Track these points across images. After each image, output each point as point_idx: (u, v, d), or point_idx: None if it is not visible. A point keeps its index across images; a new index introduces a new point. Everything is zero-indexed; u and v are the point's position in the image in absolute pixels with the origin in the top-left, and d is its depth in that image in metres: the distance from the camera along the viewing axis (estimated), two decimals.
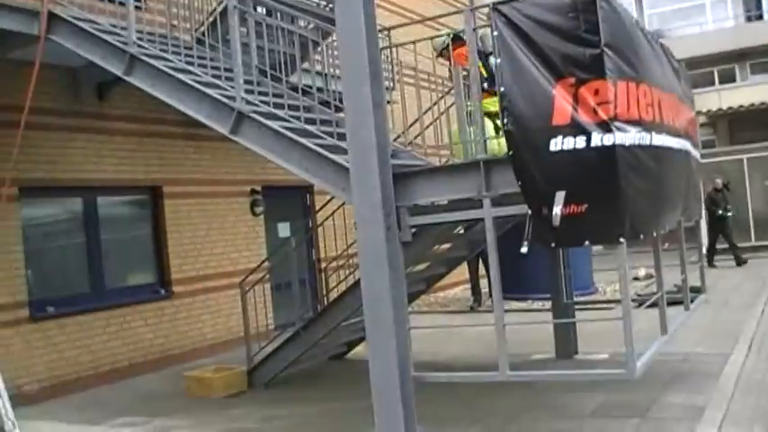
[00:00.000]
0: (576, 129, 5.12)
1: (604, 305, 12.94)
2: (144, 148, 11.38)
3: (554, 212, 5.11)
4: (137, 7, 9.25)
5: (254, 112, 6.96)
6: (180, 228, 11.80)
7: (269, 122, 6.79)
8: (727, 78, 30.70)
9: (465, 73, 7.93)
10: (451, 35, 8.20)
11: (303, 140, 6.52)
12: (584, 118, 5.11)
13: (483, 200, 5.52)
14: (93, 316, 10.42)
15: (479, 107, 5.62)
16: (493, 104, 9.09)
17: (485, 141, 5.68)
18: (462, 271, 14.56)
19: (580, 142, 5.10)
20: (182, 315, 11.72)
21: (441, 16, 6.52)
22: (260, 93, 7.69)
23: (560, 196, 5.11)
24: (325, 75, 9.07)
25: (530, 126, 5.23)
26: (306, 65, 10.17)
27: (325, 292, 10.94)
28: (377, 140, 5.60)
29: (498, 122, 8.63)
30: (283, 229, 14.06)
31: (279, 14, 9.52)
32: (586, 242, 5.26)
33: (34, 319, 9.67)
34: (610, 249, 6.11)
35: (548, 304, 13.82)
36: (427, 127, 8.09)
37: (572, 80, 5.17)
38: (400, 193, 5.75)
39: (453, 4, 18.87)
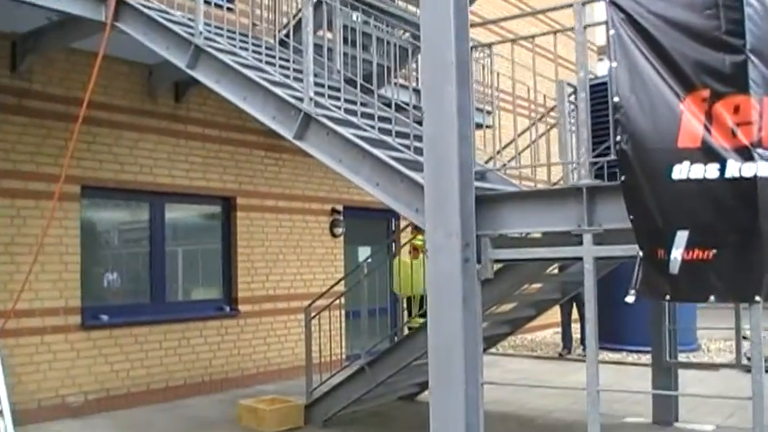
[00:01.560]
0: (707, 154, 4.08)
1: (710, 367, 11.53)
2: (220, 156, 10.73)
3: (672, 257, 4.07)
4: (225, 8, 8.64)
5: (324, 116, 6.12)
6: (252, 243, 11.08)
7: (338, 128, 5.94)
8: None
9: (571, 90, 7.02)
10: None
11: (375, 151, 5.64)
12: (718, 141, 4.08)
13: (583, 235, 4.51)
14: (149, 329, 9.75)
15: (585, 121, 4.61)
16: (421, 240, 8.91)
17: (591, 164, 4.65)
18: (554, 312, 13.41)
19: (712, 171, 4.06)
20: (246, 336, 10.96)
21: (548, 10, 5.47)
22: (345, 100, 6.88)
23: (682, 237, 4.07)
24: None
25: (649, 147, 4.21)
26: (401, 80, 9.42)
27: (405, 323, 10.05)
28: (459, 154, 4.69)
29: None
30: (364, 254, 13.22)
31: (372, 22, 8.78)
32: (711, 297, 4.15)
33: (86, 326, 9.05)
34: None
35: (644, 357, 12.73)
36: (524, 149, 7.11)
37: (706, 93, 4.14)
38: (483, 221, 4.80)
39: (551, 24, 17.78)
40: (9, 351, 8.18)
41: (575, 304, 13.31)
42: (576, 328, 14.16)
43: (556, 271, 9.61)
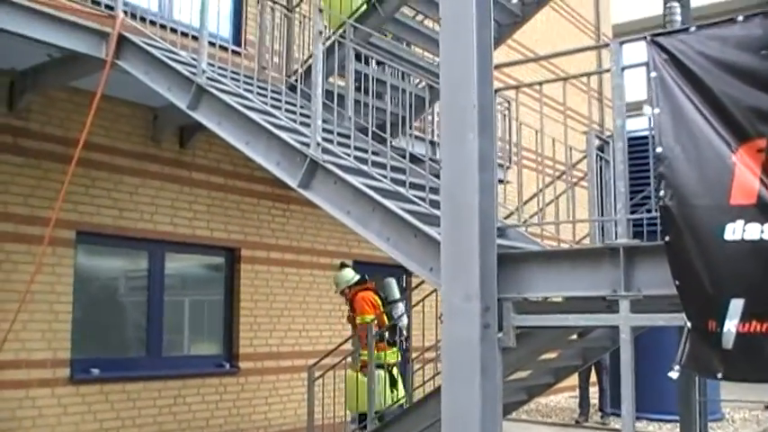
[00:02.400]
0: (764, 212, 3.57)
1: None
2: (224, 205, 10.26)
3: (726, 329, 3.55)
4: (234, 52, 8.27)
5: (332, 163, 5.65)
6: (256, 297, 10.55)
7: (347, 177, 5.47)
8: None
9: (598, 142, 6.56)
10: (356, 278, 9.09)
11: (386, 202, 5.15)
12: None
13: (619, 302, 3.99)
14: (143, 385, 9.17)
15: (623, 173, 4.11)
16: (392, 355, 8.71)
17: (628, 221, 4.13)
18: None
19: None
20: (246, 395, 10.37)
21: (581, 50, 5.02)
22: (355, 148, 6.43)
23: (737, 307, 3.55)
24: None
25: (697, 203, 3.71)
26: (417, 132, 9.00)
27: (415, 387, 9.46)
28: (480, 206, 4.19)
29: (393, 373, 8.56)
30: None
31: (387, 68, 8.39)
32: None
33: (75, 380, 8.48)
34: None
35: (665, 427, 12.09)
36: (548, 204, 6.62)
37: (762, 143, 3.66)
38: (505, 282, 4.29)
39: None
40: None
41: (593, 368, 12.71)
42: (593, 392, 13.51)
43: (575, 336, 9.04)
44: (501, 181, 9.28)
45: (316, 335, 11.34)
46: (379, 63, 8.51)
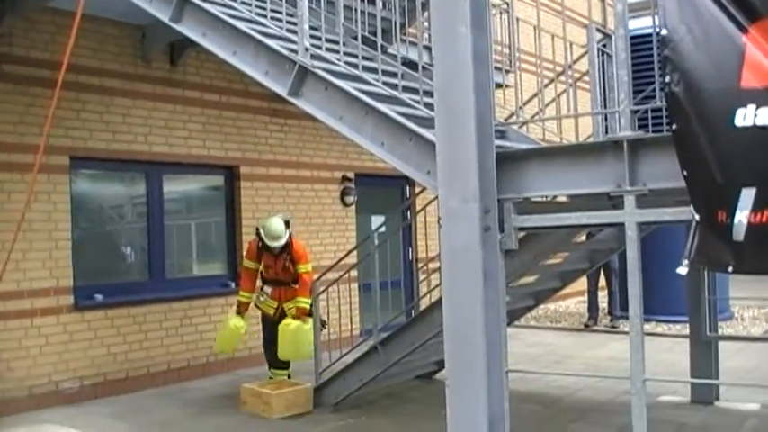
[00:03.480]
0: None
1: (754, 340, 10.74)
2: (220, 123, 10.05)
3: (737, 220, 3.35)
4: None
5: (322, 69, 5.41)
6: (257, 215, 10.41)
7: (338, 82, 5.23)
8: None
9: (600, 36, 6.29)
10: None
11: (379, 105, 4.94)
12: None
13: (624, 197, 3.80)
14: (148, 308, 9.15)
15: (625, 62, 3.87)
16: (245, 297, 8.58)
17: (633, 112, 3.91)
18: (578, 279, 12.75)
19: None
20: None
21: None
22: (346, 54, 6.17)
23: (748, 196, 3.34)
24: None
25: (706, 87, 3.47)
26: (411, 38, 8.70)
27: (420, 297, 9.39)
28: (476, 105, 3.97)
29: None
30: (378, 223, 12.52)
31: None
32: None
33: (79, 307, 8.47)
34: None
35: (674, 327, 12.05)
36: (549, 103, 6.41)
37: None
38: (505, 183, 4.09)
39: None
40: None
41: (602, 271, 12.65)
42: (602, 296, 13.48)
43: (582, 238, 8.91)
44: (500, 85, 9.01)
45: (320, 249, 11.26)
46: None
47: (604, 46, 6.26)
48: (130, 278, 9.26)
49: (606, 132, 5.85)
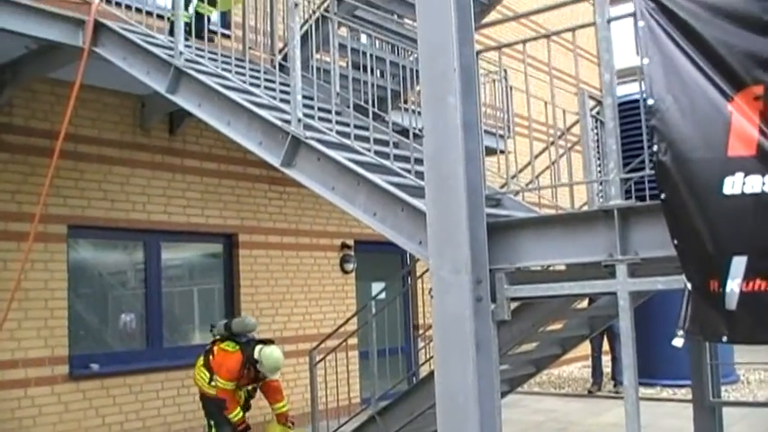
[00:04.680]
0: (765, 163, 3.35)
1: (760, 405, 10.55)
2: (219, 191, 10.08)
3: (729, 289, 3.34)
4: (223, 35, 8.06)
5: (314, 139, 5.44)
6: (256, 282, 10.39)
7: (330, 152, 5.26)
8: None
9: (594, 104, 6.32)
10: None
11: (370, 176, 4.95)
12: None
13: (616, 266, 3.78)
14: (145, 377, 9.05)
15: (613, 131, 3.88)
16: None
17: (622, 180, 3.91)
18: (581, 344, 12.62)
19: None
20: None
21: (566, 5, 4.80)
22: (339, 123, 6.22)
23: (739, 264, 3.33)
24: None
25: (693, 157, 3.49)
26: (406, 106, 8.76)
27: (421, 364, 9.31)
28: (466, 174, 3.98)
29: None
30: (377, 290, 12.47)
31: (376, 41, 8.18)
32: None
33: (74, 377, 8.36)
34: None
35: (679, 392, 11.89)
36: (543, 171, 6.42)
37: (759, 90, 3.42)
38: (497, 253, 4.09)
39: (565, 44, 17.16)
40: None
41: (605, 336, 12.53)
42: (606, 360, 13.33)
43: (584, 303, 8.83)
44: (502, 151, 9.05)
45: (320, 317, 11.19)
46: (369, 37, 8.30)
47: (598, 113, 6.30)
48: (127, 347, 9.17)
49: (603, 198, 5.86)
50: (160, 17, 7.32)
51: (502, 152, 9.22)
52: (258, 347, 7.62)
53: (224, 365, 7.68)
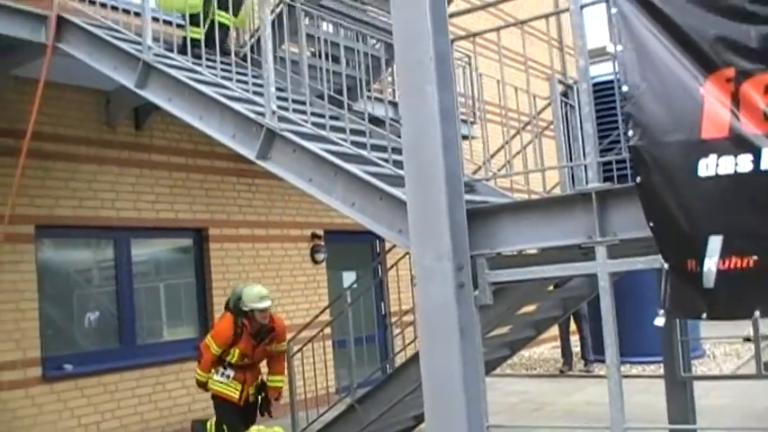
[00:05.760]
0: (737, 144, 3.44)
1: (729, 378, 10.77)
2: (188, 185, 10.03)
3: (706, 268, 3.42)
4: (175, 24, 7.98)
5: (290, 131, 5.45)
6: (228, 276, 10.37)
7: (306, 143, 5.27)
8: None
9: (563, 88, 6.43)
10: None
11: (348, 166, 4.98)
12: (749, 128, 3.43)
13: (595, 248, 3.86)
14: (120, 376, 9.00)
15: (590, 115, 3.95)
16: None
17: (599, 165, 3.99)
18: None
19: (744, 163, 3.41)
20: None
21: (534, 18, 4.85)
22: (313, 114, 6.22)
23: (716, 243, 3.42)
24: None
25: (667, 141, 3.57)
26: (376, 93, 8.80)
27: (396, 352, 9.36)
28: (445, 162, 4.03)
29: None
30: (350, 279, 12.51)
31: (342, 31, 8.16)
32: (757, 312, 3.48)
33: (48, 378, 8.29)
34: None
35: (648, 368, 12.10)
36: (516, 155, 6.49)
37: (730, 73, 3.50)
38: (477, 239, 4.15)
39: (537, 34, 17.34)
40: None
41: (572, 317, 12.69)
42: (574, 341, 13.52)
43: (553, 287, 8.95)
44: (466, 137, 9.12)
45: (292, 308, 11.19)
46: (335, 25, 8.30)
47: (566, 96, 6.39)
48: (100, 346, 9.10)
49: (573, 181, 5.95)
50: (126, 12, 7.23)
51: (466, 138, 9.35)
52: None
53: (215, 328, 7.46)
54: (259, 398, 7.52)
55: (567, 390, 11.33)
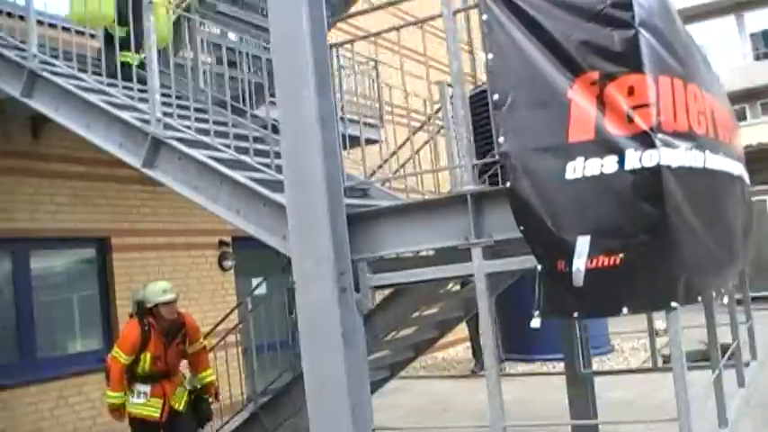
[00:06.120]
0: (603, 145, 3.54)
1: (627, 373, 11.05)
2: (88, 194, 9.79)
3: (575, 267, 3.50)
4: (78, 32, 7.80)
5: (175, 138, 5.38)
6: (132, 286, 10.06)
7: (190, 151, 5.21)
8: (738, 118, 29.34)
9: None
10: None
11: (231, 173, 4.93)
12: (614, 129, 3.54)
13: (472, 250, 3.91)
14: (21, 391, 8.72)
15: (464, 118, 4.01)
16: None
17: (476, 167, 4.04)
18: (464, 327, 12.86)
19: (610, 164, 3.51)
20: None
21: None
22: (198, 120, 6.13)
23: (583, 244, 3.50)
24: None
25: (535, 147, 3.64)
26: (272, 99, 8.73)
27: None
28: (324, 167, 4.03)
29: None
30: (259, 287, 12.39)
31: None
32: (624, 309, 3.56)
33: None
34: None
35: (558, 366, 12.29)
36: (408, 160, 6.53)
37: (595, 76, 3.60)
38: (359, 243, 4.15)
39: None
40: None
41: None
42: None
43: (457, 287, 9.03)
44: (375, 141, 9.13)
45: (200, 317, 10.96)
46: (225, 31, 8.23)
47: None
48: None
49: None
50: (10, 15, 7.02)
51: (375, 142, 9.37)
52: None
53: (120, 335, 7.00)
54: (194, 404, 7.12)
55: (477, 389, 11.32)
